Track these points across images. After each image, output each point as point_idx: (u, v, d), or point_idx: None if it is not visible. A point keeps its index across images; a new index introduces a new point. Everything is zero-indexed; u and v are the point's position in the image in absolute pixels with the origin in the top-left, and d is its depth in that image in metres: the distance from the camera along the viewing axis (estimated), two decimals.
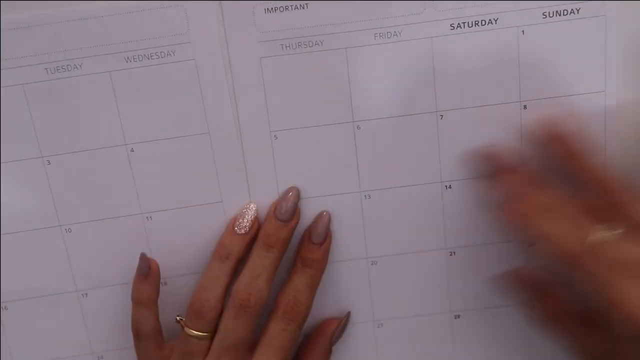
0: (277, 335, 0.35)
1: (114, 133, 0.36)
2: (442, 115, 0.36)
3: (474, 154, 0.36)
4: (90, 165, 0.36)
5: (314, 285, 0.36)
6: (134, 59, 0.35)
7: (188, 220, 0.37)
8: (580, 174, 0.34)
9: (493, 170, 0.35)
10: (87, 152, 0.36)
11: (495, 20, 0.35)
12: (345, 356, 0.40)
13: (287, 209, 0.36)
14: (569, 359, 0.34)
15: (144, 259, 0.36)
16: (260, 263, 0.35)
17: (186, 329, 0.36)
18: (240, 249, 0.36)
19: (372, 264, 0.38)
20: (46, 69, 0.34)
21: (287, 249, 0.36)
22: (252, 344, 0.36)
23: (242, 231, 0.36)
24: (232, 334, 0.35)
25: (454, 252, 0.38)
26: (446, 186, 0.37)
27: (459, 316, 0.39)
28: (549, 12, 0.35)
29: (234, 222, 0.37)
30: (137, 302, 0.36)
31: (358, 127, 0.36)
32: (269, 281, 0.35)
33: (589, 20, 0.35)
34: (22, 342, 0.39)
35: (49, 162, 0.36)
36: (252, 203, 0.37)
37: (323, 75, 0.35)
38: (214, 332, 0.35)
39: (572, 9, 0.35)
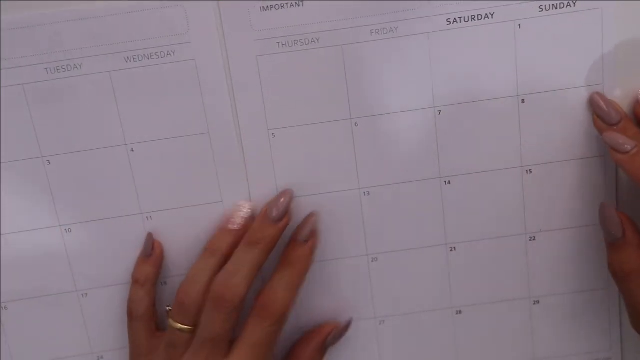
0: (253, 331, 0.34)
1: (114, 133, 0.36)
2: (439, 111, 0.36)
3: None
4: (90, 166, 0.36)
5: (294, 284, 0.35)
6: (134, 59, 0.35)
7: (188, 220, 0.37)
8: None
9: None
10: (87, 152, 0.36)
11: (492, 15, 0.35)
12: (347, 353, 0.40)
13: (279, 211, 0.35)
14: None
15: (149, 239, 0.37)
16: (242, 258, 0.35)
17: (170, 321, 0.35)
18: (228, 244, 0.36)
19: (372, 261, 0.38)
20: (46, 69, 0.35)
21: (273, 248, 0.36)
22: (232, 340, 0.35)
23: (234, 227, 0.36)
24: (209, 328, 0.34)
25: (455, 248, 0.38)
26: (445, 182, 0.37)
27: (460, 312, 0.39)
28: (545, 6, 0.35)
29: (227, 218, 0.37)
30: (135, 281, 0.37)
31: (356, 124, 0.36)
32: (247, 278, 0.34)
33: (585, 13, 0.35)
34: (22, 342, 0.39)
35: (49, 162, 0.36)
36: (247, 202, 0.37)
37: (320, 72, 0.35)
38: (197, 326, 0.35)
39: (568, 2, 0.35)
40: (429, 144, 0.36)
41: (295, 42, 0.35)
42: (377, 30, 0.35)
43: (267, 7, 0.34)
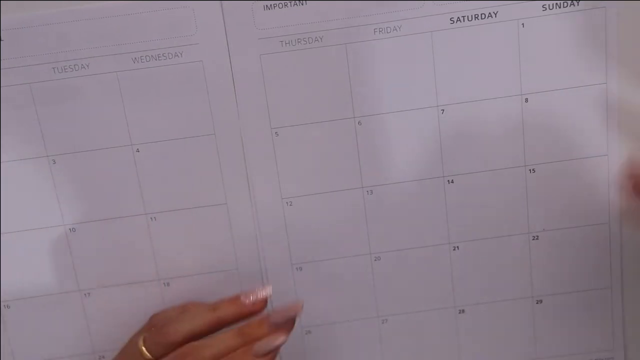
0: None
1: (120, 133, 0.36)
2: (443, 110, 0.36)
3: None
4: (96, 165, 0.37)
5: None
6: (141, 59, 0.35)
7: (192, 222, 0.37)
8: None
9: None
10: (93, 151, 0.36)
11: (495, 14, 0.35)
12: (350, 352, 0.40)
13: (280, 319, 0.35)
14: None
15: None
16: (221, 337, 0.34)
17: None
18: (232, 312, 0.35)
19: (375, 260, 0.38)
20: (53, 68, 0.35)
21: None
22: None
23: (246, 301, 0.35)
24: None
25: (458, 247, 0.38)
26: (448, 180, 0.37)
27: (463, 311, 0.39)
28: (548, 5, 0.35)
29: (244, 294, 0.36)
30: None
31: (359, 123, 0.36)
32: (215, 356, 0.34)
33: (588, 12, 0.35)
34: (24, 340, 0.39)
35: (54, 161, 0.36)
36: (269, 286, 0.36)
37: (323, 71, 0.36)
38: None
39: (571, 2, 0.35)
40: (432, 143, 0.36)
41: (299, 40, 0.35)
42: (380, 29, 0.35)
43: (270, 6, 0.35)
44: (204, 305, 0.36)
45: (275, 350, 0.34)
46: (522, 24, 0.35)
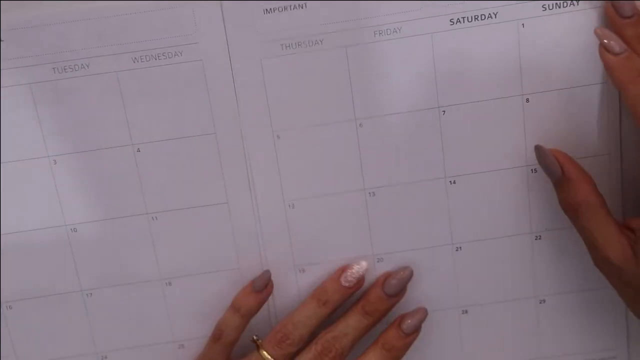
0: None
1: (121, 133, 0.36)
2: (444, 111, 0.36)
3: None
4: (97, 165, 0.37)
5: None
6: (141, 59, 0.35)
7: (194, 221, 0.37)
8: None
9: None
10: (94, 152, 0.36)
11: (495, 15, 0.35)
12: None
13: (396, 285, 0.37)
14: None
15: (265, 275, 0.37)
16: (353, 324, 0.36)
17: (262, 351, 0.37)
18: (339, 299, 0.37)
19: (378, 262, 0.38)
20: (53, 68, 0.35)
21: (382, 319, 0.37)
22: None
23: (347, 284, 0.37)
24: None
25: (460, 247, 0.38)
26: (450, 181, 0.37)
27: (466, 311, 0.39)
28: (548, 5, 0.35)
29: (340, 272, 0.37)
30: (236, 308, 0.37)
31: (360, 125, 0.36)
32: (353, 342, 0.37)
33: (589, 12, 0.35)
34: (26, 341, 0.39)
35: (55, 161, 0.36)
36: (363, 261, 0.38)
37: (324, 74, 0.36)
38: None
39: (571, 2, 0.35)
40: (433, 144, 0.36)
41: (299, 44, 0.35)
42: (380, 31, 0.35)
43: (271, 9, 0.35)
44: (312, 304, 0.37)
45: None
46: (522, 24, 0.35)
